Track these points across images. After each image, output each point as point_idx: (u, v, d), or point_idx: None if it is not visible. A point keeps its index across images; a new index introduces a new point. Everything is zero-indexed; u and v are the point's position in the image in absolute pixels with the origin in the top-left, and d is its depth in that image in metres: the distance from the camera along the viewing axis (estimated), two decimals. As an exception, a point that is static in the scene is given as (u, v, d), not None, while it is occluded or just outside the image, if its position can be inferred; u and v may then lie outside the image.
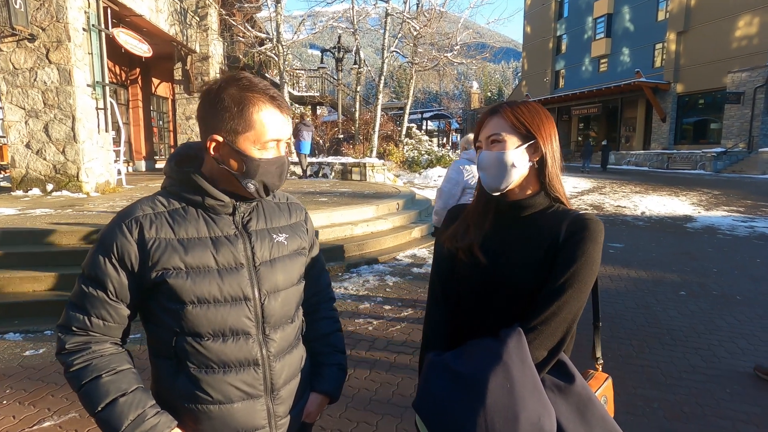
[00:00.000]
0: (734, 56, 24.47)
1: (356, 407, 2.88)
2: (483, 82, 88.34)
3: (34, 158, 8.60)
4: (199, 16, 14.41)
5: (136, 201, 1.11)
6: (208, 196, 1.09)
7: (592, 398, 1.08)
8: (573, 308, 1.08)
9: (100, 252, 1.05)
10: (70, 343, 1.05)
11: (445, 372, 1.08)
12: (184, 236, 1.07)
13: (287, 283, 1.19)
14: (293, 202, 1.32)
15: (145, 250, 1.04)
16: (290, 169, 13.74)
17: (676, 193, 14.49)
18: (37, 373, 3.30)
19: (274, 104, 1.07)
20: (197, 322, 1.06)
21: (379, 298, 4.94)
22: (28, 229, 5.21)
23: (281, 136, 1.09)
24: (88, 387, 1.03)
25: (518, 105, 1.20)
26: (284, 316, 1.18)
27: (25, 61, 8.30)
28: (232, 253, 1.10)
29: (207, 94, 1.07)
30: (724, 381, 3.21)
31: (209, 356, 1.08)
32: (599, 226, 1.12)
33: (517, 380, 0.98)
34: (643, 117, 30.57)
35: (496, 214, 1.23)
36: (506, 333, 1.06)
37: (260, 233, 1.16)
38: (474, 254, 1.19)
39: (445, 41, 19.14)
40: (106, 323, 1.06)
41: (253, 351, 1.12)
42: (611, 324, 4.23)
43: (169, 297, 1.05)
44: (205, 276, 1.06)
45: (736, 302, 4.80)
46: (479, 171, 1.21)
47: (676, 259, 6.59)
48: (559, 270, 1.09)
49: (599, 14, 34.32)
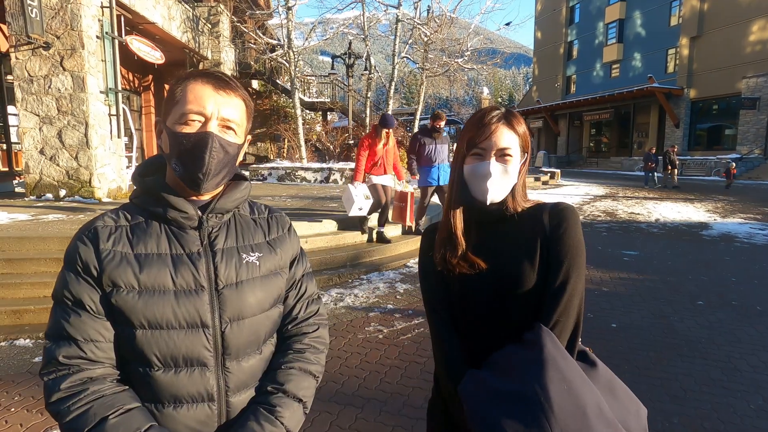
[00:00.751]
0: (748, 61, 24.19)
1: (366, 418, 2.82)
2: (494, 87, 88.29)
3: (48, 164, 8.69)
4: (211, 24, 14.55)
5: (100, 213, 1.05)
6: (170, 207, 1.00)
7: (614, 377, 1.13)
8: (579, 291, 1.14)
9: (66, 269, 0.98)
10: (64, 385, 0.92)
11: (496, 398, 1.01)
12: (141, 251, 0.98)
13: (256, 309, 1.05)
14: (276, 215, 1.19)
15: (101, 260, 0.96)
16: (300, 174, 13.76)
17: (691, 200, 14.27)
18: (45, 380, 3.28)
19: (204, 79, 1.00)
20: (147, 349, 0.96)
21: (390, 305, 4.88)
22: (40, 235, 5.24)
23: (206, 110, 0.97)
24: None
25: (519, 117, 1.22)
26: (249, 345, 1.05)
27: (40, 68, 8.41)
28: (192, 273, 0.99)
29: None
30: (746, 396, 3.10)
31: (159, 389, 0.97)
32: (575, 211, 1.21)
33: (570, 378, 0.99)
34: (656, 123, 30.29)
35: (477, 222, 1.23)
36: (535, 335, 1.07)
37: (227, 252, 1.04)
38: (472, 262, 1.18)
39: (456, 47, 19.11)
40: (98, 344, 0.95)
41: (209, 384, 1.00)
42: (627, 334, 4.13)
43: (117, 318, 0.96)
44: (159, 297, 0.96)
45: (757, 313, 4.67)
46: (481, 180, 1.17)
47: (692, 268, 6.45)
48: (559, 261, 1.14)
49: (611, 19, 34.16)
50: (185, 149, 0.97)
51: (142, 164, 1.10)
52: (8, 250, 5.02)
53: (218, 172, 1.00)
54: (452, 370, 1.18)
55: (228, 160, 1.02)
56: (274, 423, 1.01)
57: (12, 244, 5.06)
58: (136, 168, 1.10)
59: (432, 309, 1.26)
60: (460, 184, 1.23)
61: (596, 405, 0.98)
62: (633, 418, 1.07)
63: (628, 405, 1.09)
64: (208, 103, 0.98)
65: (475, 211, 1.22)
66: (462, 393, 1.09)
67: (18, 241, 5.09)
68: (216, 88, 0.99)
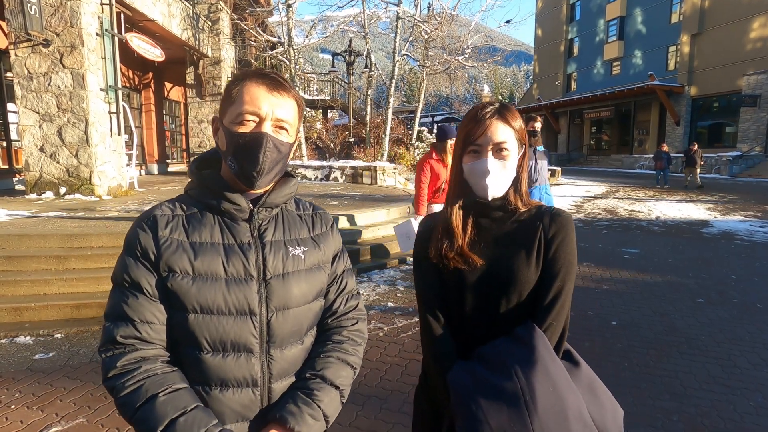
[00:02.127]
0: (749, 59, 24.13)
1: (366, 415, 2.82)
2: (494, 85, 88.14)
3: (48, 162, 8.69)
4: (211, 21, 14.51)
5: (158, 203, 1.10)
6: (224, 200, 1.05)
7: (596, 377, 1.18)
8: (570, 296, 1.20)
9: (126, 254, 1.04)
10: (120, 362, 0.97)
11: (483, 390, 1.05)
12: (196, 240, 1.04)
13: (300, 301, 1.10)
14: (320, 212, 1.24)
15: (159, 246, 1.01)
16: (301, 172, 13.76)
17: (691, 198, 14.26)
18: (46, 378, 3.29)
19: (259, 79, 1.03)
20: (198, 333, 1.01)
21: (390, 303, 4.88)
22: (40, 232, 5.24)
23: (261, 110, 1.02)
24: (143, 410, 0.94)
25: (514, 111, 1.23)
26: (292, 335, 1.10)
27: (40, 65, 8.40)
28: (243, 263, 1.04)
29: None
30: (746, 393, 3.10)
31: (207, 371, 1.02)
32: (572, 220, 1.25)
33: (556, 379, 1.04)
34: (656, 120, 30.24)
35: (476, 217, 1.25)
36: (526, 334, 1.11)
37: (275, 244, 1.09)
38: (468, 257, 1.20)
39: (456, 44, 19.07)
40: (152, 326, 1.01)
41: (254, 370, 1.05)
42: (628, 332, 4.13)
43: (172, 302, 1.01)
44: (212, 284, 1.01)
45: (757, 311, 4.67)
46: (480, 177, 1.19)
47: (692, 265, 6.45)
48: (557, 269, 1.18)
49: (612, 17, 34.05)
50: (241, 148, 1.02)
51: (198, 158, 1.16)
52: (8, 247, 5.02)
53: (271, 169, 1.05)
54: (442, 359, 1.20)
55: (280, 159, 1.06)
56: (311, 406, 1.05)
57: (12, 241, 5.06)
58: (192, 161, 1.15)
59: (423, 297, 1.27)
60: (459, 181, 1.25)
61: (577, 408, 1.03)
62: (610, 417, 1.12)
63: (607, 405, 1.14)
64: (263, 104, 1.02)
65: (476, 207, 1.24)
66: (451, 382, 1.12)
67: (18, 239, 5.09)
68: (270, 89, 1.03)
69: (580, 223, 10.08)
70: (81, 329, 4.12)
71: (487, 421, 1.00)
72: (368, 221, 7.31)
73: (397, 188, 12.64)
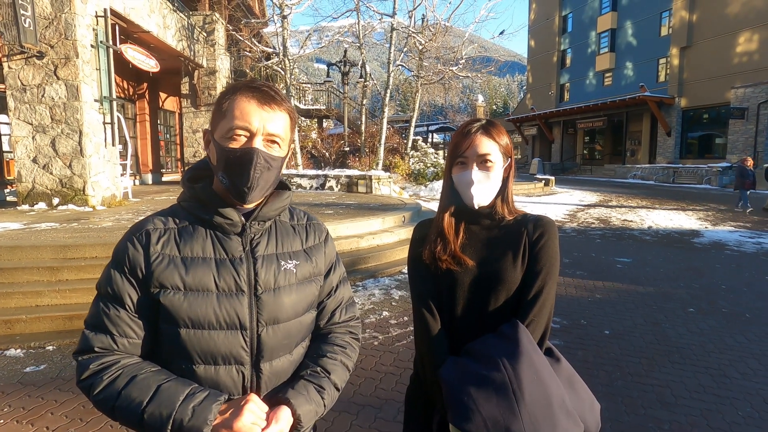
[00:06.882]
0: (736, 72, 24.54)
1: (361, 425, 2.82)
2: (488, 95, 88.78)
3: (41, 173, 8.66)
4: (206, 32, 14.59)
5: (150, 215, 1.10)
6: (216, 214, 1.05)
7: (574, 372, 1.27)
8: (552, 296, 1.28)
9: (112, 266, 1.04)
10: (94, 365, 0.99)
11: (474, 383, 1.13)
12: (188, 255, 1.04)
13: (291, 314, 1.11)
14: (314, 222, 1.24)
15: (150, 263, 1.01)
16: (296, 181, 13.78)
17: (683, 208, 14.39)
18: (36, 391, 3.26)
19: (250, 93, 1.02)
20: (189, 347, 1.02)
21: (385, 312, 4.89)
22: (32, 244, 5.21)
23: (251, 125, 1.01)
24: (125, 393, 0.95)
25: (499, 127, 1.33)
26: (282, 348, 1.11)
27: (33, 77, 8.40)
28: (234, 277, 1.05)
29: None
30: (736, 403, 3.13)
31: (198, 383, 1.03)
32: (555, 225, 1.34)
33: (539, 369, 1.13)
34: (648, 131, 30.56)
35: (466, 223, 1.35)
36: (511, 330, 1.19)
37: (267, 258, 1.09)
38: (460, 259, 1.29)
39: (451, 55, 19.28)
40: (130, 341, 1.02)
41: (241, 382, 1.06)
42: (620, 341, 4.16)
43: (164, 317, 1.02)
44: (203, 299, 1.01)
45: (746, 320, 4.72)
46: (466, 187, 1.29)
47: (684, 275, 6.51)
48: (538, 269, 1.27)
49: (603, 29, 34.53)
50: (231, 164, 1.02)
51: (191, 169, 1.16)
52: (0, 259, 4.99)
53: (263, 184, 1.05)
54: (436, 354, 1.27)
55: (272, 173, 1.06)
56: (317, 396, 1.09)
57: (4, 253, 5.03)
58: (185, 173, 1.15)
59: (418, 296, 1.35)
60: (450, 190, 1.35)
61: (560, 397, 1.12)
62: (588, 409, 1.21)
63: (585, 397, 1.23)
64: (254, 119, 1.01)
65: (466, 214, 1.35)
66: (443, 376, 1.20)
67: (10, 251, 5.06)
68: (261, 103, 1.03)
69: (573, 232, 10.15)
70: (73, 341, 4.08)
71: (479, 410, 1.08)
72: (363, 230, 7.33)
73: (393, 197, 12.67)
